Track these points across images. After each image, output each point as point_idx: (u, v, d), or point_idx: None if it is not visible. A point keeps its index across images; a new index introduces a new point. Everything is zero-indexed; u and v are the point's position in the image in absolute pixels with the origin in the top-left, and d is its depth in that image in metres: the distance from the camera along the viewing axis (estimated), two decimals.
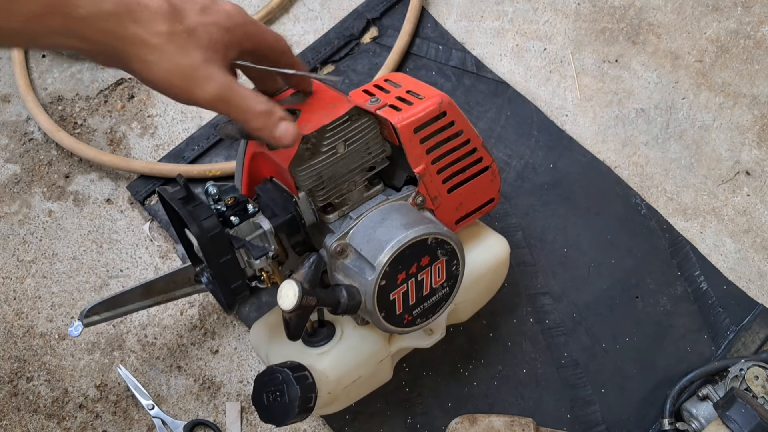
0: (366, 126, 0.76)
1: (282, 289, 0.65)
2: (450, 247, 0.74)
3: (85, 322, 0.77)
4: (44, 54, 1.15)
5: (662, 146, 1.09)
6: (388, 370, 0.86)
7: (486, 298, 0.92)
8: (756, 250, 1.03)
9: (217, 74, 0.64)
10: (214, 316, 0.99)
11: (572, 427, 0.93)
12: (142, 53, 0.62)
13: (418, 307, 0.76)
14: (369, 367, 0.81)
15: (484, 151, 0.82)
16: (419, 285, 0.74)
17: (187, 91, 0.64)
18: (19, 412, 0.94)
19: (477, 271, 0.84)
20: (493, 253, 0.87)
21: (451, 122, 0.78)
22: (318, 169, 0.75)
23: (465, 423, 0.88)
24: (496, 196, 0.86)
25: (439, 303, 0.77)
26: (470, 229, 0.87)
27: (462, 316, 0.91)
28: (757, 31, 1.15)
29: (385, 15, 1.17)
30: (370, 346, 0.81)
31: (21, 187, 1.07)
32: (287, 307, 0.65)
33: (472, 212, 0.85)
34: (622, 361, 0.97)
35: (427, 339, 0.86)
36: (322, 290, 0.69)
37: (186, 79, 0.63)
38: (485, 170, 0.83)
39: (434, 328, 0.85)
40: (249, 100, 0.66)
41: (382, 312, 0.73)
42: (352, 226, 0.75)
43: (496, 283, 0.91)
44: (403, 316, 0.75)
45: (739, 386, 0.89)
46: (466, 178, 0.82)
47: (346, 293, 0.71)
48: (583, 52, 1.15)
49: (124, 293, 0.79)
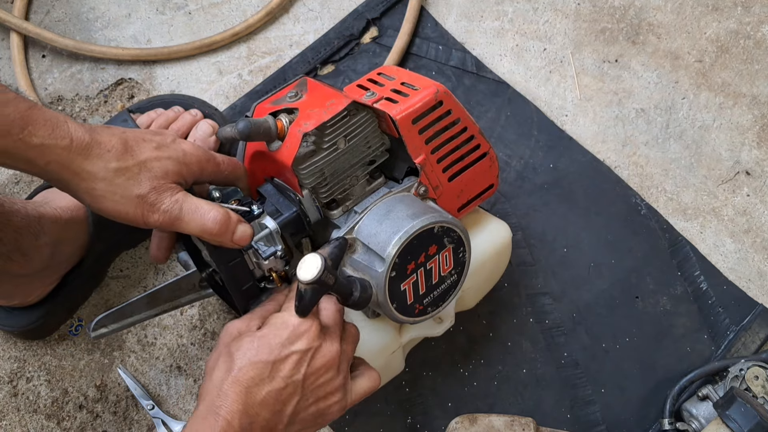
0: (364, 120, 0.76)
1: (305, 260, 0.65)
2: (456, 234, 0.75)
3: (93, 335, 0.77)
4: (44, 54, 1.15)
5: (662, 146, 1.09)
6: (400, 361, 0.87)
7: (491, 283, 0.94)
8: (756, 250, 1.03)
9: (167, 198, 0.68)
10: (214, 316, 0.99)
11: (572, 427, 0.93)
12: (90, 187, 0.66)
13: (429, 296, 0.77)
14: (382, 359, 0.82)
15: (481, 138, 0.82)
16: (428, 274, 0.75)
17: (142, 216, 0.67)
18: (19, 412, 0.94)
19: (481, 257, 0.86)
20: (496, 237, 0.88)
21: (448, 111, 0.78)
22: (320, 166, 0.75)
23: (465, 423, 0.88)
24: (495, 181, 0.87)
25: (448, 291, 0.78)
26: (471, 216, 0.88)
27: (469, 302, 0.92)
28: (757, 31, 1.15)
29: (385, 15, 1.17)
30: (381, 338, 0.82)
31: (21, 187, 1.07)
32: (307, 278, 0.64)
33: (473, 199, 0.86)
34: (622, 361, 0.97)
35: (437, 327, 0.87)
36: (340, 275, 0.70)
37: (138, 206, 0.67)
38: (483, 156, 0.84)
39: (443, 317, 0.87)
40: (202, 213, 0.69)
41: (394, 303, 0.74)
42: (357, 221, 0.76)
43: (501, 267, 0.92)
44: (415, 305, 0.76)
45: (739, 386, 0.89)
46: (466, 166, 0.83)
47: (360, 285, 0.71)
48: (583, 52, 1.15)
49: (130, 303, 0.79)
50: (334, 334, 0.70)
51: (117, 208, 0.67)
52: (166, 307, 0.82)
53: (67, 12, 1.19)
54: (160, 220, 0.68)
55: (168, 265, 1.02)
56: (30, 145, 0.62)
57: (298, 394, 0.66)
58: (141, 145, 0.68)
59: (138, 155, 0.67)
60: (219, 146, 0.97)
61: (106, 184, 0.66)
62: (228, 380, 0.64)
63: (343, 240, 0.73)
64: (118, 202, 0.66)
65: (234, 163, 0.78)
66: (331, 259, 0.69)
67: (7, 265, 0.81)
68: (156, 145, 0.70)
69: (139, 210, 0.67)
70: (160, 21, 1.18)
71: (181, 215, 0.68)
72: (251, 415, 0.63)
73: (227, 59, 1.15)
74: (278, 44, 1.16)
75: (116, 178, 0.66)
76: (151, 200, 0.67)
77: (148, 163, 0.68)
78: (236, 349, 0.66)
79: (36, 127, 0.62)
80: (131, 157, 0.67)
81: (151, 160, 0.68)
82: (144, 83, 1.13)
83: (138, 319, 0.81)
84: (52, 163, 0.64)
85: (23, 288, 0.88)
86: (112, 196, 0.66)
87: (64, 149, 0.64)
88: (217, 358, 0.67)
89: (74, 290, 0.95)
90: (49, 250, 0.85)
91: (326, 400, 0.69)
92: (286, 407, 0.66)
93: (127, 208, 0.67)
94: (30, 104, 0.63)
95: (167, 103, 1.01)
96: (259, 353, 0.65)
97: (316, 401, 0.68)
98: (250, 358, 0.65)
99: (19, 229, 0.80)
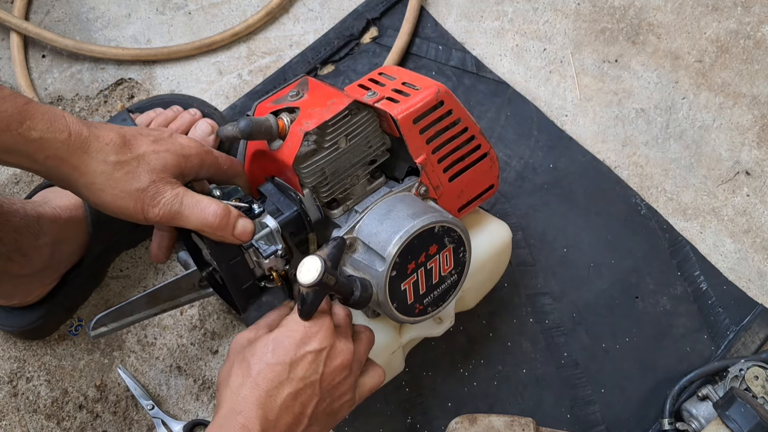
0: (366, 120, 0.76)
1: (304, 263, 0.65)
2: (456, 234, 0.75)
3: (92, 333, 0.77)
4: (44, 54, 1.15)
5: (662, 146, 1.09)
6: (400, 361, 0.87)
7: (491, 283, 0.93)
8: (756, 250, 1.03)
9: (168, 192, 0.68)
10: (214, 317, 0.99)
11: (572, 427, 0.93)
12: (90, 181, 0.65)
13: (429, 296, 0.77)
14: (382, 359, 0.82)
15: (482, 138, 0.82)
16: (429, 274, 0.75)
17: (141, 211, 0.67)
18: (19, 412, 0.94)
19: (482, 257, 0.86)
20: (496, 237, 0.88)
21: (449, 111, 0.78)
22: (321, 165, 0.75)
23: (465, 423, 0.88)
24: (496, 182, 0.87)
25: (448, 291, 0.78)
26: (471, 216, 0.88)
27: (469, 302, 0.92)
28: (757, 31, 1.15)
29: (385, 15, 1.17)
30: (381, 338, 0.82)
31: (21, 187, 1.06)
32: (308, 281, 0.64)
33: (474, 199, 0.86)
34: (622, 361, 0.97)
35: (437, 327, 0.87)
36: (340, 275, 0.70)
37: (138, 201, 0.67)
38: (484, 157, 0.84)
39: (443, 317, 0.87)
40: (202, 207, 0.69)
41: (394, 303, 0.74)
42: (358, 220, 0.76)
43: (501, 267, 0.92)
44: (415, 305, 0.76)
45: (739, 386, 0.89)
46: (467, 166, 0.83)
47: (360, 285, 0.71)
48: (583, 52, 1.15)
49: (130, 303, 0.79)
50: (345, 333, 0.70)
51: (117, 202, 0.67)
52: (165, 306, 0.82)
53: (67, 12, 1.19)
54: (161, 214, 0.67)
55: (168, 265, 1.02)
56: (29, 140, 0.62)
57: (317, 394, 0.66)
58: (138, 139, 0.68)
59: (136, 149, 0.67)
60: (218, 145, 0.97)
61: (105, 179, 0.65)
62: (246, 385, 0.64)
63: (341, 240, 0.73)
64: (118, 197, 0.66)
65: (232, 159, 0.78)
66: (330, 259, 0.69)
67: (6, 265, 0.81)
68: (153, 139, 0.69)
69: (140, 204, 0.67)
70: (160, 21, 1.18)
71: (181, 209, 0.68)
72: (271, 420, 0.63)
73: (227, 59, 1.15)
74: (278, 44, 1.16)
75: (115, 172, 0.66)
76: (151, 194, 0.67)
77: (147, 156, 0.67)
78: (251, 354, 0.66)
79: (34, 121, 0.62)
80: (129, 151, 0.67)
81: (149, 154, 0.68)
82: (144, 83, 1.13)
83: (137, 318, 0.81)
84: (51, 158, 0.64)
85: (23, 288, 0.88)
86: (112, 191, 0.66)
87: (63, 143, 0.63)
88: (231, 367, 0.67)
89: (74, 290, 0.95)
90: (49, 249, 0.85)
91: (340, 399, 0.69)
92: (306, 409, 0.65)
93: (126, 202, 0.67)
94: (27, 99, 0.63)
95: (167, 102, 1.01)
96: (275, 355, 0.65)
97: (332, 401, 0.68)
98: (266, 361, 0.65)
99: (19, 228, 0.80)
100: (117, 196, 0.66)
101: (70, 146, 0.64)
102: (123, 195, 0.66)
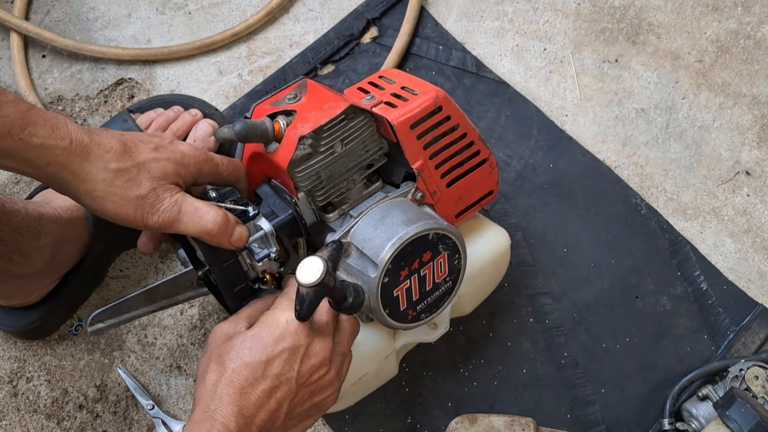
0: (362, 124, 0.76)
1: (305, 263, 0.64)
2: (451, 241, 0.75)
3: (90, 330, 0.77)
4: (44, 54, 1.15)
5: (662, 146, 1.09)
6: (394, 366, 0.87)
7: (489, 289, 0.93)
8: (756, 250, 1.03)
9: (166, 199, 0.68)
10: (214, 316, 0.99)
11: (572, 427, 0.94)
12: (90, 188, 0.66)
13: (422, 303, 0.76)
14: (375, 363, 0.82)
15: (481, 144, 0.82)
16: (422, 280, 0.75)
17: (141, 218, 0.68)
18: (19, 412, 0.94)
19: (479, 263, 0.85)
20: (494, 244, 0.87)
21: (448, 117, 0.78)
22: (317, 169, 0.75)
23: (465, 423, 0.88)
24: (495, 188, 0.86)
25: (442, 297, 0.78)
26: (470, 222, 0.88)
27: (465, 308, 0.92)
28: (757, 31, 1.15)
29: (385, 15, 1.17)
30: (375, 342, 0.81)
31: (21, 187, 1.07)
32: (310, 281, 0.63)
33: (472, 205, 0.85)
34: (622, 361, 0.97)
35: (431, 333, 0.86)
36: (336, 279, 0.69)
37: (138, 208, 0.67)
38: (483, 163, 0.83)
39: (438, 323, 0.86)
40: (201, 214, 0.69)
41: (386, 309, 0.73)
42: (352, 225, 0.75)
43: (498, 274, 0.92)
44: (408, 312, 0.75)
45: (739, 386, 0.89)
46: (465, 172, 0.82)
47: (353, 290, 0.71)
48: (583, 52, 1.15)
49: (128, 299, 0.79)
50: (326, 330, 0.70)
51: (117, 210, 0.67)
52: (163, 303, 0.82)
53: (67, 12, 1.19)
54: (160, 221, 0.68)
55: (168, 264, 1.02)
56: (30, 146, 0.63)
57: (292, 392, 0.66)
58: (139, 147, 0.69)
59: (137, 157, 0.68)
60: (219, 146, 0.97)
61: (106, 186, 0.66)
62: (222, 383, 0.64)
63: (341, 242, 0.73)
64: (118, 204, 0.67)
65: (234, 164, 0.78)
66: (331, 261, 0.69)
67: (7, 265, 0.81)
68: (154, 147, 0.70)
69: (139, 212, 0.67)
70: (160, 21, 1.18)
71: (179, 216, 0.68)
72: (247, 417, 0.63)
73: (227, 59, 1.15)
74: (278, 44, 1.16)
75: (116, 180, 0.66)
76: (151, 201, 0.67)
77: (147, 164, 0.68)
78: (227, 351, 0.66)
79: (36, 128, 0.63)
80: (130, 159, 0.67)
81: (149, 162, 0.68)
82: (144, 83, 1.13)
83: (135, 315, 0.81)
84: (52, 164, 0.64)
85: (23, 288, 0.88)
86: (112, 198, 0.66)
87: (64, 150, 0.64)
88: (208, 362, 0.67)
89: (74, 290, 0.95)
90: (50, 250, 0.85)
91: (320, 394, 0.69)
92: (281, 405, 0.66)
93: (126, 209, 0.67)
94: (29, 105, 0.64)
95: (167, 102, 1.01)
96: (252, 353, 0.65)
97: (311, 396, 0.68)
98: (242, 358, 0.65)
99: (20, 229, 0.80)
100: (117, 204, 0.67)
101: (71, 153, 0.64)
102: (123, 202, 0.67)
